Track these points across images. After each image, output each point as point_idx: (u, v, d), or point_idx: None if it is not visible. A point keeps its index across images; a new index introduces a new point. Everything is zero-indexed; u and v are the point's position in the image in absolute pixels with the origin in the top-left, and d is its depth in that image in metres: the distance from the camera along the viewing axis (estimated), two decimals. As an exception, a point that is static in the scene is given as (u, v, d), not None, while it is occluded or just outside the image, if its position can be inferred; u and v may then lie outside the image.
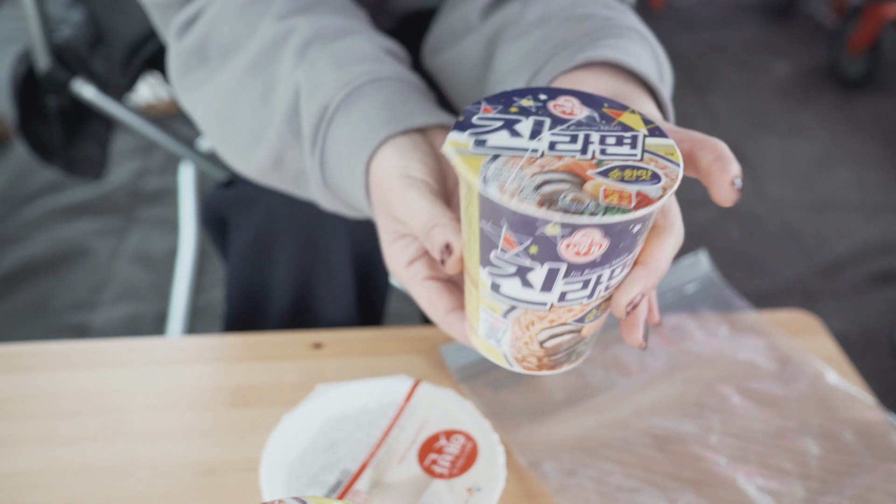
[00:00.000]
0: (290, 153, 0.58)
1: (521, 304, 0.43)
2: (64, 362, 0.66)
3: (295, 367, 0.66)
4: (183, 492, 0.56)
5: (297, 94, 0.56)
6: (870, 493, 0.58)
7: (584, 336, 0.46)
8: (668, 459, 0.60)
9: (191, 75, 0.63)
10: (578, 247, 0.40)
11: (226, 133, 0.61)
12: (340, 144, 0.54)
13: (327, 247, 0.73)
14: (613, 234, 0.40)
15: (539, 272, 0.41)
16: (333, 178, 0.56)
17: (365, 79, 0.55)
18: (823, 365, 0.69)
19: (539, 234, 0.40)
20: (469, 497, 0.52)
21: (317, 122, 0.54)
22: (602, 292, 0.43)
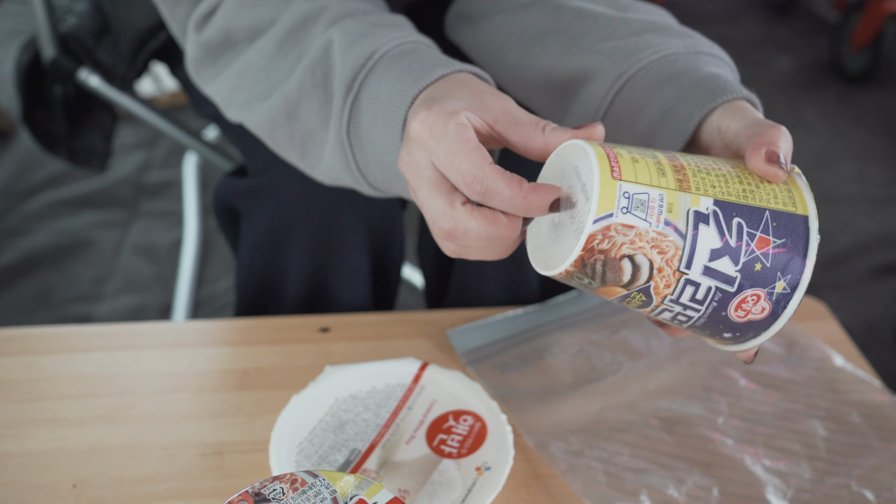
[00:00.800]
0: (306, 106, 0.57)
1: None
2: (71, 346, 0.66)
3: (303, 351, 0.67)
4: (192, 472, 0.56)
5: (328, 47, 0.56)
6: (876, 474, 0.58)
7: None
8: (676, 441, 0.60)
9: (219, 62, 0.63)
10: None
11: (248, 100, 0.61)
12: (382, 89, 0.52)
13: (343, 237, 0.73)
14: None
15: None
16: (361, 127, 0.54)
17: (411, 39, 0.55)
18: (829, 349, 0.69)
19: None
20: (478, 476, 0.52)
21: (359, 67, 0.53)
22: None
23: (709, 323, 0.44)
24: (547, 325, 0.70)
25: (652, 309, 0.44)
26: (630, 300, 0.43)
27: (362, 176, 0.57)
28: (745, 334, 0.45)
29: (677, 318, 0.44)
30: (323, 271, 0.74)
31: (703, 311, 0.43)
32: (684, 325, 0.45)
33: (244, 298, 0.78)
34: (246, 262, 0.76)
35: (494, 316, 0.70)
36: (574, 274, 0.42)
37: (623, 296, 0.43)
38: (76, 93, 1.03)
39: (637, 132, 0.56)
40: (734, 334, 0.45)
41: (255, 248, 0.74)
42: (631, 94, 0.56)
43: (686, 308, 0.43)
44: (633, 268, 0.41)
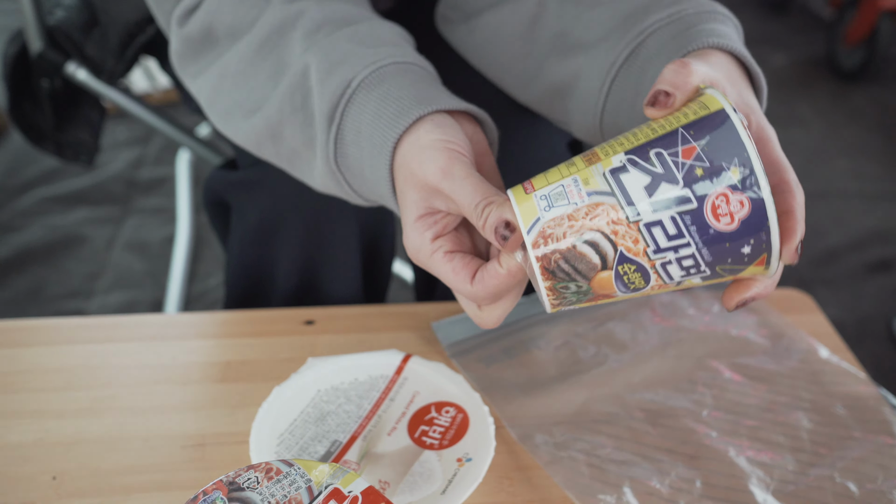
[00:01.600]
0: (288, 128, 0.57)
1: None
2: (54, 338, 0.66)
3: (287, 343, 0.66)
4: (173, 464, 0.56)
5: (305, 72, 0.56)
6: (860, 465, 0.58)
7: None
8: (660, 433, 0.60)
9: (200, 59, 0.63)
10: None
11: (230, 108, 0.61)
12: (363, 122, 0.53)
13: (334, 230, 0.72)
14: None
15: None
16: (349, 158, 0.55)
17: (388, 60, 0.55)
18: (815, 341, 0.68)
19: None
20: (459, 467, 0.52)
21: (337, 98, 0.54)
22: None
23: (715, 251, 0.43)
24: (532, 317, 0.70)
25: (656, 274, 0.44)
26: (627, 279, 0.44)
27: (357, 195, 0.58)
28: (757, 237, 0.43)
29: (687, 270, 0.44)
30: (313, 264, 0.73)
31: (694, 241, 0.43)
32: (701, 269, 0.44)
33: (234, 291, 0.77)
34: (236, 254, 0.75)
35: (480, 308, 0.70)
36: (556, 287, 0.44)
37: (618, 279, 0.44)
38: (64, 87, 1.02)
39: (636, 113, 0.56)
40: (751, 245, 0.43)
41: (246, 240, 0.74)
42: (624, 82, 0.56)
43: (676, 250, 0.43)
44: (592, 246, 0.42)
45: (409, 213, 0.51)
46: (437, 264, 0.50)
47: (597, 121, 0.59)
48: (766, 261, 0.44)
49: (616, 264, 0.43)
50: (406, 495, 0.50)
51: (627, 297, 0.46)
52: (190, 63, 0.64)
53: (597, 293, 0.45)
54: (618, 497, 0.54)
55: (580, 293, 0.45)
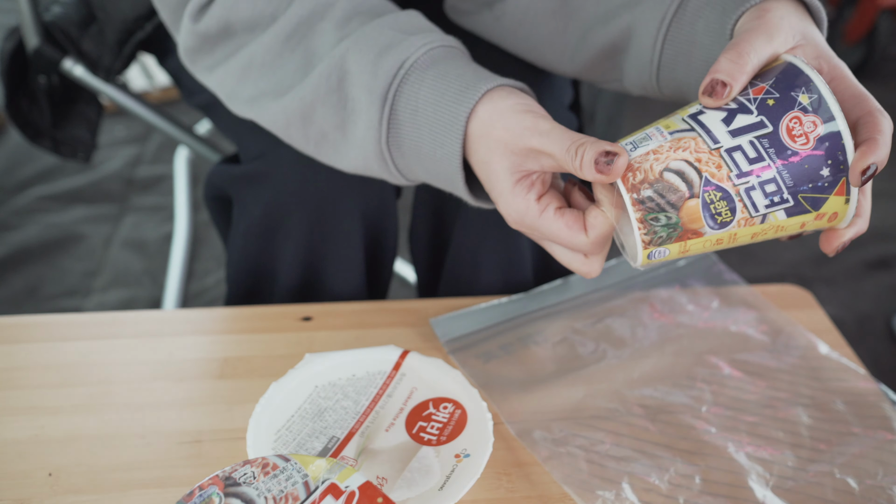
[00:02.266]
0: (321, 109, 0.58)
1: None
2: (50, 335, 0.66)
3: (284, 339, 0.66)
4: (169, 460, 0.55)
5: (343, 56, 0.56)
6: (860, 461, 0.57)
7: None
8: (659, 429, 0.59)
9: (216, 53, 0.63)
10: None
11: (256, 96, 0.61)
12: (420, 101, 0.54)
13: (338, 225, 0.72)
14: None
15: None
16: (402, 138, 0.55)
17: (437, 43, 0.56)
18: (814, 337, 0.68)
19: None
20: (457, 463, 0.52)
21: (390, 78, 0.54)
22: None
23: (795, 173, 0.46)
24: (531, 313, 0.69)
25: (741, 203, 0.46)
26: (714, 208, 0.46)
27: (401, 174, 0.58)
28: (834, 158, 0.46)
29: (771, 198, 0.46)
30: (317, 259, 0.73)
31: (773, 163, 0.45)
32: (784, 198, 0.46)
33: (236, 287, 0.77)
34: (238, 249, 0.75)
35: (478, 305, 0.69)
36: (647, 219, 0.46)
37: (705, 208, 0.46)
38: (61, 83, 1.02)
39: (693, 66, 0.57)
40: (829, 166, 0.46)
41: (249, 234, 0.73)
42: (677, 34, 0.57)
43: (759, 173, 0.45)
44: (678, 174, 0.45)
45: (502, 180, 0.52)
46: (549, 223, 0.51)
47: (654, 77, 0.60)
48: (845, 189, 0.46)
49: (702, 191, 0.45)
50: (404, 491, 0.50)
51: (717, 238, 0.47)
52: (205, 57, 0.64)
53: (686, 227, 0.46)
54: (616, 493, 0.54)
55: (670, 226, 0.46)
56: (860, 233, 0.49)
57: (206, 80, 0.65)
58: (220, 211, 0.79)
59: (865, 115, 0.47)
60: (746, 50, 0.47)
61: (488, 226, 0.73)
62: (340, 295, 0.74)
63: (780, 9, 0.51)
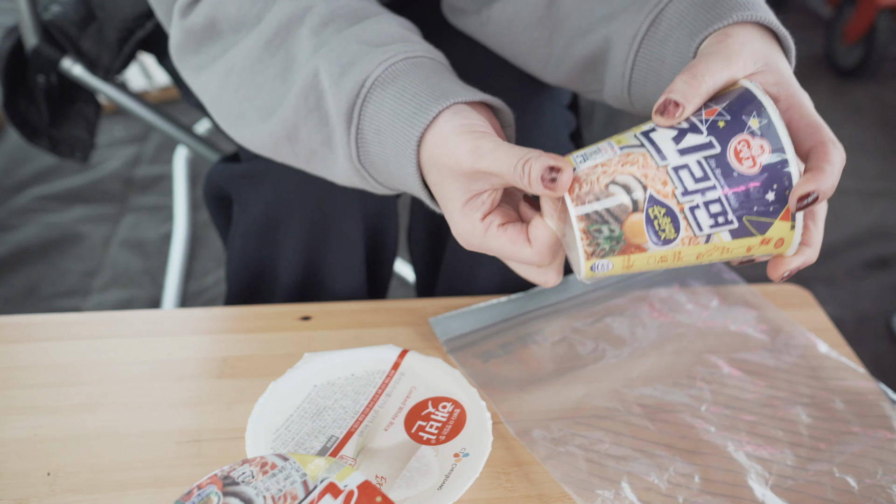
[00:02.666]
0: (305, 129, 0.58)
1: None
2: (49, 334, 0.65)
3: (283, 339, 0.66)
4: (169, 460, 0.55)
5: (315, 74, 0.56)
6: (859, 460, 0.57)
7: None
8: (658, 428, 0.59)
9: (202, 53, 0.63)
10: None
11: (241, 107, 0.61)
12: (381, 121, 0.53)
13: (338, 224, 0.72)
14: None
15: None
16: (371, 156, 0.56)
17: (400, 57, 0.55)
18: (814, 336, 0.68)
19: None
20: (456, 462, 0.52)
21: (353, 98, 0.54)
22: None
23: (741, 196, 0.46)
24: (530, 312, 0.69)
25: (685, 221, 0.46)
26: (658, 224, 0.46)
27: (382, 186, 0.59)
28: (780, 183, 0.46)
29: (715, 218, 0.46)
30: (317, 258, 0.73)
31: (719, 183, 0.46)
32: (729, 219, 0.46)
33: (236, 286, 0.77)
34: (238, 248, 0.75)
35: (477, 304, 0.69)
36: (590, 230, 0.46)
37: (649, 224, 0.46)
38: (59, 82, 1.02)
39: (662, 85, 0.57)
40: (774, 190, 0.46)
41: (249, 233, 0.73)
42: (648, 52, 0.57)
43: (703, 192, 0.45)
44: (623, 188, 0.46)
45: (452, 203, 0.52)
46: (493, 240, 0.51)
47: (626, 92, 0.60)
48: (791, 215, 0.46)
49: (647, 206, 0.45)
50: (403, 490, 0.50)
51: (660, 255, 0.47)
52: (191, 55, 0.64)
53: (629, 241, 0.46)
54: (616, 492, 0.54)
55: (613, 239, 0.46)
56: (808, 263, 0.49)
57: (192, 83, 0.65)
58: (220, 210, 0.79)
59: (818, 145, 0.47)
60: (702, 72, 0.47)
61: None
62: (340, 294, 0.74)
63: (744, 34, 0.51)
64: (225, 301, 0.78)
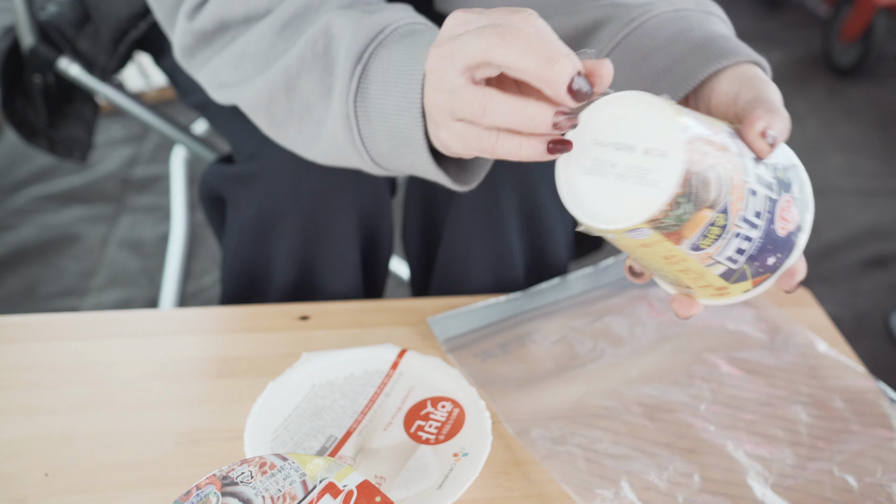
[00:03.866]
0: (306, 77, 0.57)
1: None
2: (47, 334, 0.65)
3: (282, 339, 0.66)
4: (167, 460, 0.55)
5: (328, 23, 0.56)
6: (859, 459, 0.57)
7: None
8: (658, 427, 0.59)
9: (208, 49, 0.62)
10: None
11: (245, 79, 0.61)
12: (391, 62, 0.53)
13: (332, 224, 0.72)
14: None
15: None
16: (369, 96, 0.54)
17: (423, 21, 0.56)
18: (813, 335, 0.68)
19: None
20: (455, 462, 0.52)
21: (370, 38, 0.54)
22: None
23: (763, 249, 0.45)
24: (529, 312, 0.69)
25: (723, 240, 0.43)
26: (708, 232, 0.43)
27: (365, 149, 0.56)
28: (785, 253, 0.46)
29: (738, 250, 0.44)
30: (311, 259, 0.73)
31: (762, 228, 0.44)
32: (738, 261, 0.45)
33: (230, 287, 0.77)
34: (232, 249, 0.75)
35: (476, 303, 0.69)
36: (677, 199, 0.41)
37: (705, 227, 0.42)
38: (57, 82, 1.01)
39: (639, 77, 0.56)
40: (777, 257, 0.46)
41: (243, 235, 0.73)
42: (638, 41, 0.57)
43: (752, 227, 0.44)
44: (718, 182, 0.42)
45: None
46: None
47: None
48: (760, 282, 0.47)
49: (718, 211, 0.42)
50: (402, 490, 0.49)
51: (679, 255, 0.44)
52: (200, 53, 0.63)
53: (681, 230, 0.42)
54: (615, 491, 0.54)
55: (679, 219, 0.42)
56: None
57: (198, 75, 0.65)
58: (215, 211, 0.79)
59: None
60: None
61: (478, 223, 0.73)
62: (336, 294, 0.74)
63: (737, 70, 0.52)
64: (220, 302, 0.78)
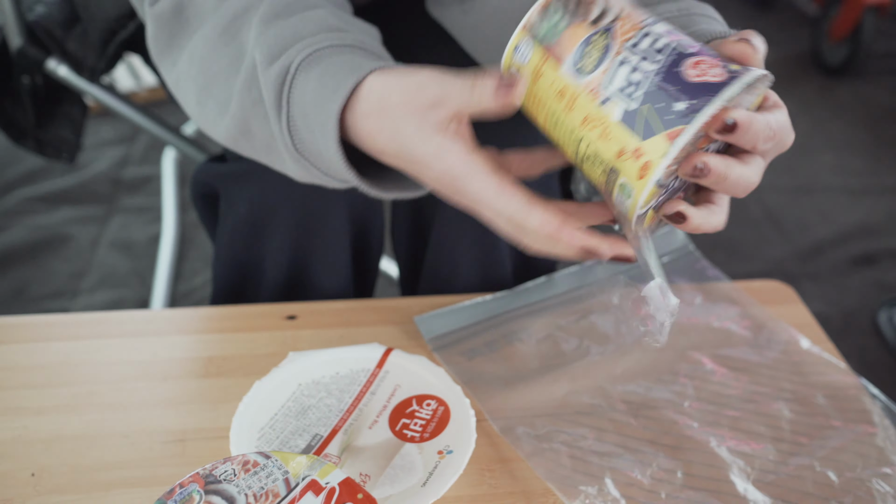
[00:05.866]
0: (255, 123, 0.57)
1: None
2: (34, 335, 0.65)
3: (269, 338, 0.66)
4: (154, 459, 0.55)
5: (254, 65, 0.56)
6: (840, 454, 0.58)
7: None
8: (642, 424, 0.60)
9: (174, 45, 0.62)
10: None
11: (202, 100, 0.61)
12: (306, 103, 0.53)
13: (324, 222, 0.72)
14: None
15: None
16: (304, 141, 0.55)
17: (325, 44, 0.54)
18: (796, 332, 0.69)
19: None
20: (440, 459, 0.52)
21: (279, 86, 0.54)
22: None
23: (664, 89, 0.44)
24: (515, 310, 0.70)
25: (607, 66, 0.45)
26: (588, 52, 0.45)
27: (331, 177, 0.57)
28: (697, 102, 0.43)
29: (629, 83, 0.44)
30: (303, 256, 0.73)
31: (660, 66, 0.44)
32: (635, 94, 0.44)
33: (221, 284, 0.77)
34: (224, 246, 0.75)
35: (462, 302, 0.70)
36: (550, 4, 0.46)
37: (584, 43, 0.45)
38: (45, 83, 1.01)
39: None
40: (689, 104, 0.43)
41: (235, 232, 0.73)
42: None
43: (644, 59, 0.44)
44: (603, 4, 0.45)
45: (424, 142, 0.50)
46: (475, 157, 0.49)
47: None
48: (675, 136, 0.43)
49: (598, 31, 0.45)
50: (387, 487, 0.50)
51: (562, 86, 0.46)
52: (164, 49, 0.63)
53: (558, 44, 0.46)
54: (599, 488, 0.54)
55: (554, 29, 0.46)
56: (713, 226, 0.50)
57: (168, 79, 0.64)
58: (208, 209, 0.79)
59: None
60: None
61: (465, 223, 0.73)
62: (327, 293, 0.74)
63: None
64: (211, 300, 0.78)
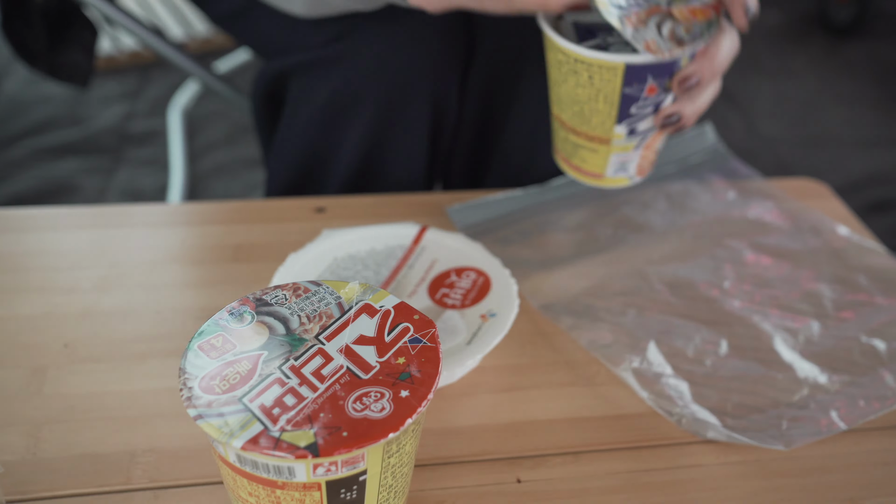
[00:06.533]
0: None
1: (653, 129, 0.55)
2: (60, 224, 0.64)
3: (297, 228, 0.65)
4: (186, 333, 0.54)
5: None
6: (887, 328, 0.57)
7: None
8: (683, 302, 0.59)
9: None
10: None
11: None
12: None
13: (408, 109, 0.70)
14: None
15: (670, 97, 0.54)
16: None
17: None
18: (834, 222, 0.68)
19: (675, 69, 0.52)
20: (483, 323, 0.51)
21: None
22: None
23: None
24: (548, 203, 0.68)
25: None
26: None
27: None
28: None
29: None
30: (382, 144, 0.72)
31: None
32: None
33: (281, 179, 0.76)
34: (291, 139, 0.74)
35: (494, 195, 0.68)
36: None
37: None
38: (57, 4, 1.00)
39: None
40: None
41: (310, 121, 0.72)
42: None
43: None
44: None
45: None
46: None
47: None
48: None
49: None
50: (430, 347, 0.49)
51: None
52: None
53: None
54: (642, 358, 0.53)
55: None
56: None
57: None
58: (267, 111, 0.78)
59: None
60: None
61: (545, 111, 0.71)
62: (399, 183, 0.73)
63: None
64: (266, 194, 0.77)
